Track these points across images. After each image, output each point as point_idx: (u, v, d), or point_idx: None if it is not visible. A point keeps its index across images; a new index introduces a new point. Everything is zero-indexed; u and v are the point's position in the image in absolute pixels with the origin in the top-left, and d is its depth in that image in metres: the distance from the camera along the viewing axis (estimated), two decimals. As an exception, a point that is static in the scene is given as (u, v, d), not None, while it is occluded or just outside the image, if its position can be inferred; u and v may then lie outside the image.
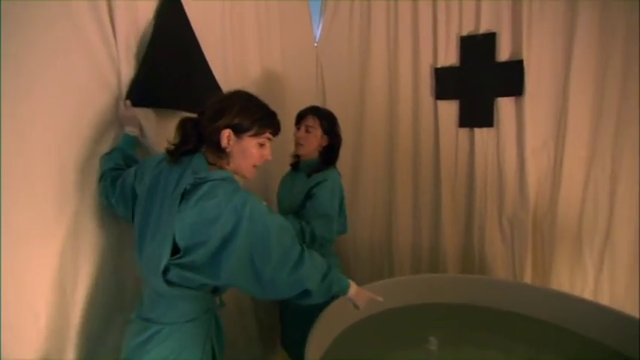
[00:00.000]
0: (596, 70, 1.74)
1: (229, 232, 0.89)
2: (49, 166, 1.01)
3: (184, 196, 0.91)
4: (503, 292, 1.66)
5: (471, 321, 1.63)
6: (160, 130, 1.32)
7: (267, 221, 0.92)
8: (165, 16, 1.30)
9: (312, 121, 1.53)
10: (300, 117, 1.55)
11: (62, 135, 1.05)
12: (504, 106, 1.92)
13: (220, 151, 0.99)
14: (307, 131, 1.53)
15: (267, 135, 1.04)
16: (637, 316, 1.39)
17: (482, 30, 1.94)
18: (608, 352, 1.36)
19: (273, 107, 1.07)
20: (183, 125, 1.01)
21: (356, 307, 1.21)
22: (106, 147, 1.19)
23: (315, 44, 2.24)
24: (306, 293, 0.99)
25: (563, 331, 1.48)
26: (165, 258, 0.91)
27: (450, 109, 2.06)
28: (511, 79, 1.88)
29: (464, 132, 2.05)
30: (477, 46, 1.96)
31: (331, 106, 2.24)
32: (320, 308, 1.37)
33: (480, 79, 1.97)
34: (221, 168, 1.00)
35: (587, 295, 1.84)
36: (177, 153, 0.99)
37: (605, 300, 1.79)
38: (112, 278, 1.19)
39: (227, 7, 1.62)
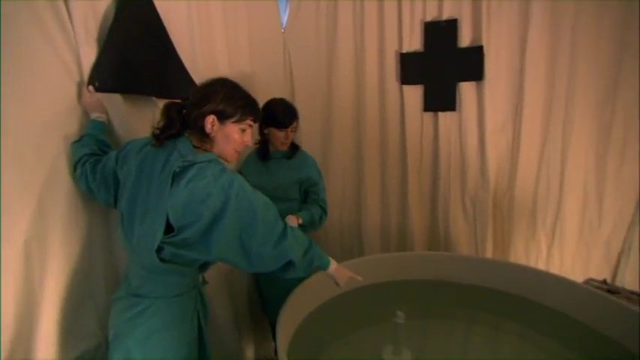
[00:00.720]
0: (548, 58, 1.85)
1: (219, 210, 0.95)
2: (12, 155, 0.98)
3: (174, 178, 0.97)
4: (466, 267, 1.76)
5: (438, 295, 1.72)
6: (128, 116, 1.29)
7: (253, 199, 0.99)
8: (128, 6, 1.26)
9: (295, 124, 1.68)
10: (289, 123, 1.64)
11: (24, 122, 1.02)
12: (466, 90, 2.01)
13: (204, 136, 1.04)
14: (292, 131, 1.68)
15: (249, 122, 1.08)
16: (580, 281, 1.53)
17: (445, 16, 2.00)
18: (561, 317, 1.48)
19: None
20: (168, 110, 1.06)
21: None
22: (71, 134, 1.16)
23: (282, 30, 2.22)
24: (289, 265, 1.07)
25: (522, 300, 1.59)
26: (158, 237, 0.96)
27: (415, 93, 2.12)
28: (472, 64, 1.96)
29: (428, 116, 2.13)
30: (440, 32, 2.02)
31: (299, 92, 2.27)
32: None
33: (443, 64, 2.04)
34: (206, 151, 1.05)
35: (541, 265, 1.99)
36: (162, 137, 1.04)
37: (555, 269, 1.95)
38: (81, 266, 1.17)
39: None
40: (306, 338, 1.38)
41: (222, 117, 1.04)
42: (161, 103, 1.40)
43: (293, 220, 1.64)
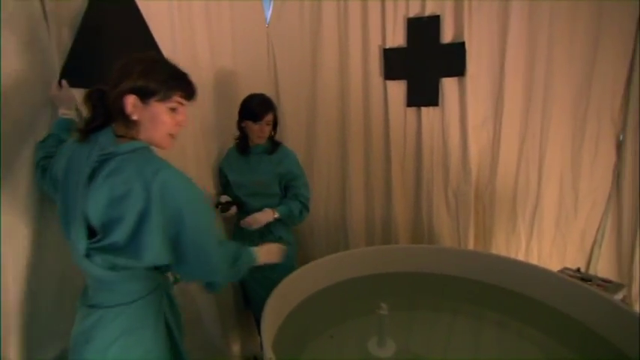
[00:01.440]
0: (527, 55, 1.89)
1: (143, 208, 0.83)
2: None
3: (93, 174, 0.86)
4: (450, 259, 1.80)
5: (421, 287, 1.76)
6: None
7: (183, 195, 0.88)
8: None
9: (270, 117, 1.67)
10: (262, 115, 1.64)
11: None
12: (448, 85, 2.04)
13: (128, 121, 0.90)
14: (267, 124, 1.67)
15: (178, 98, 0.94)
16: (556, 270, 1.59)
17: (428, 12, 2.02)
18: (539, 305, 1.54)
19: (224, 89, 1.06)
20: (89, 98, 0.93)
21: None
22: (40, 131, 1.13)
23: (266, 26, 2.21)
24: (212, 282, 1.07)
25: (503, 291, 1.64)
26: (82, 243, 0.87)
27: (398, 89, 2.14)
28: (454, 59, 1.99)
29: (411, 111, 2.15)
30: (423, 28, 2.04)
31: (283, 87, 2.27)
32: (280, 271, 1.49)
33: (425, 60, 2.06)
34: (132, 139, 0.92)
35: (520, 255, 2.05)
36: (87, 130, 0.92)
37: (534, 259, 2.01)
38: (55, 266, 1.15)
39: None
40: (291, 332, 1.39)
41: (144, 95, 0.89)
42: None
43: (269, 214, 1.64)
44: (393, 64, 2.12)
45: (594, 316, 1.37)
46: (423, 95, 2.10)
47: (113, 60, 1.25)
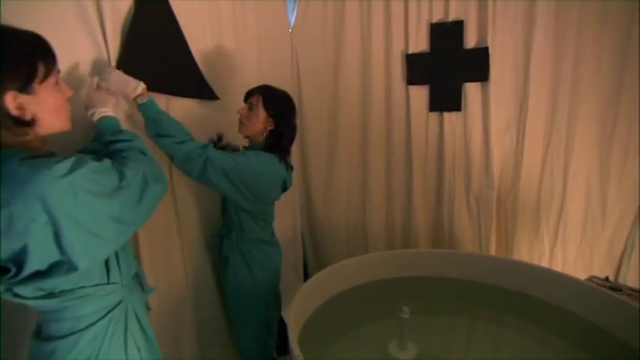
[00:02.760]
0: (553, 59, 1.87)
1: (46, 221, 0.68)
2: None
3: None
4: (469, 264, 1.78)
5: (442, 292, 1.75)
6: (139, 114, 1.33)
7: (78, 181, 0.70)
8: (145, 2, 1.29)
9: (256, 100, 1.41)
10: (247, 95, 1.45)
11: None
12: (471, 91, 2.03)
13: (19, 124, 0.73)
14: (250, 109, 1.42)
15: (56, 68, 0.79)
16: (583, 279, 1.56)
17: (451, 18, 2.02)
18: (564, 313, 1.51)
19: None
20: None
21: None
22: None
23: (290, 30, 2.26)
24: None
25: (525, 297, 1.62)
26: None
27: (420, 94, 2.15)
28: (477, 65, 1.98)
29: (434, 116, 2.15)
30: (446, 34, 2.04)
31: (306, 91, 2.31)
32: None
33: (448, 65, 2.06)
34: (16, 145, 0.74)
35: (544, 263, 2.02)
36: None
37: (558, 267, 1.97)
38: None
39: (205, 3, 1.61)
40: (313, 333, 1.41)
41: (23, 86, 0.72)
42: (175, 101, 1.46)
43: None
44: (416, 69, 2.13)
45: (624, 326, 1.34)
46: (446, 100, 2.10)
47: (155, 64, 1.32)
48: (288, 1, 2.22)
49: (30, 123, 0.74)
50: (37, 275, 0.73)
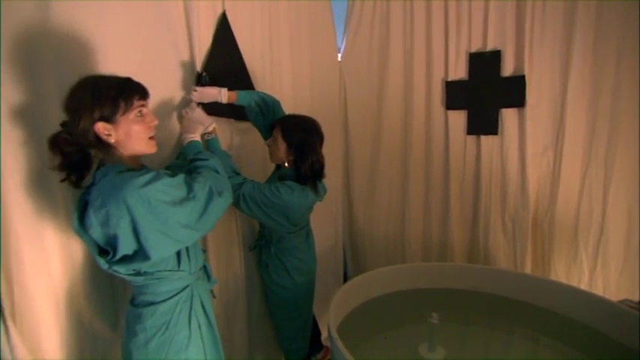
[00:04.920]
0: (591, 85, 1.95)
1: (130, 221, 0.90)
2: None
3: (85, 206, 0.95)
4: (503, 280, 1.86)
5: (473, 304, 1.85)
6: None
7: (152, 192, 0.90)
8: (219, 38, 1.59)
9: (276, 131, 1.54)
10: (272, 126, 1.58)
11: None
12: (508, 116, 2.14)
13: (108, 147, 0.96)
14: (273, 140, 1.56)
15: (137, 102, 0.98)
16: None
17: (489, 47, 2.17)
18: (594, 333, 1.56)
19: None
20: (55, 143, 0.93)
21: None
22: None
23: (339, 60, 2.51)
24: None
25: (556, 316, 1.67)
26: (100, 260, 0.97)
27: (459, 118, 2.29)
28: (514, 92, 2.10)
29: (471, 139, 2.28)
30: (484, 62, 2.19)
31: (352, 115, 2.54)
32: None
33: (486, 92, 2.20)
34: (114, 163, 0.98)
35: (582, 286, 2.02)
36: (74, 177, 0.97)
37: (599, 291, 1.98)
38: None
39: (266, 29, 1.90)
40: (349, 330, 1.55)
41: (109, 117, 0.93)
42: (237, 124, 1.74)
43: (219, 94, 1.46)
44: (455, 95, 2.28)
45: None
46: (483, 124, 2.23)
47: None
48: (338, 32, 2.49)
49: (112, 145, 0.96)
50: (126, 258, 0.95)
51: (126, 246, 0.93)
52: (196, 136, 1.30)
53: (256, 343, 1.86)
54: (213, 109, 1.52)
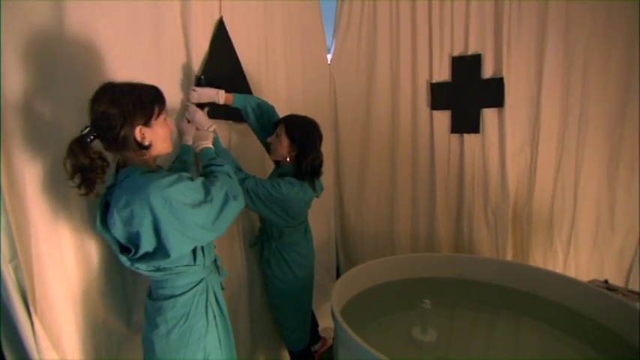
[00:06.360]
0: (562, 87, 2.13)
1: (152, 220, 0.96)
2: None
3: (107, 205, 1.03)
4: (487, 267, 2.00)
5: (461, 291, 1.98)
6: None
7: (174, 194, 0.96)
8: (216, 43, 1.67)
9: (280, 128, 1.63)
10: (275, 124, 1.68)
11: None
12: (488, 115, 2.30)
13: (143, 148, 1.03)
14: (276, 136, 1.64)
15: (164, 107, 1.08)
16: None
17: (470, 51, 2.33)
18: (571, 313, 1.70)
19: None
20: (84, 149, 0.97)
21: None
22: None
23: (329, 62, 2.62)
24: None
25: (539, 299, 1.81)
26: (122, 257, 1.04)
27: (443, 118, 2.44)
28: (494, 93, 2.26)
29: (455, 137, 2.43)
30: (466, 65, 2.34)
31: (342, 116, 2.66)
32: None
33: (468, 93, 2.35)
34: (134, 165, 1.04)
35: (558, 270, 2.19)
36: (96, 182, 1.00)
37: (571, 274, 2.15)
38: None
39: (261, 33, 1.98)
40: (346, 319, 1.60)
41: (147, 121, 1.02)
42: (236, 126, 1.82)
43: (216, 94, 1.54)
44: (439, 96, 2.43)
45: (620, 321, 1.54)
46: (466, 123, 2.38)
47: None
48: (327, 37, 2.60)
49: (148, 147, 1.05)
50: (147, 256, 1.02)
51: (148, 243, 0.99)
52: (209, 143, 1.37)
53: (258, 335, 1.94)
54: (213, 112, 1.60)
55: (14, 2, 1.00)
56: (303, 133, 1.61)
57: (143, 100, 1.01)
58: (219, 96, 1.55)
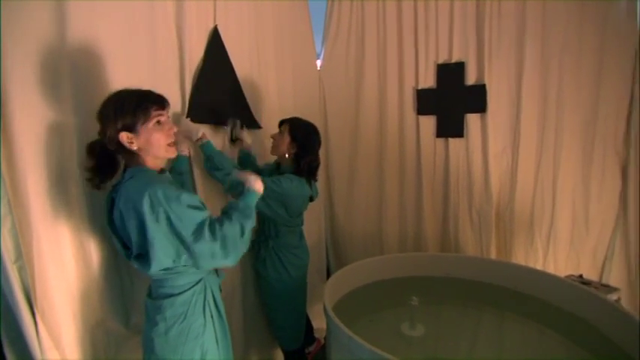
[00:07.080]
0: (540, 93, 2.25)
1: (139, 224, 0.99)
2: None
3: (113, 203, 1.07)
4: (472, 266, 2.09)
5: (448, 288, 2.06)
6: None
7: (172, 207, 0.98)
8: (211, 52, 1.70)
9: (284, 127, 1.74)
10: (280, 123, 1.79)
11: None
12: (472, 120, 2.41)
13: (131, 153, 1.06)
14: (279, 134, 1.75)
15: (155, 113, 1.06)
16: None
17: (454, 59, 2.43)
18: (550, 307, 1.80)
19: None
20: (92, 149, 1.07)
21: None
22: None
23: (318, 69, 2.69)
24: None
25: (521, 295, 1.90)
26: (122, 253, 1.09)
27: (429, 122, 2.54)
28: (477, 98, 2.36)
29: (440, 141, 2.53)
30: (450, 72, 2.44)
31: (332, 120, 2.73)
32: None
33: (452, 99, 2.45)
34: (137, 165, 1.08)
35: (539, 267, 2.29)
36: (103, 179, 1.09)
37: (550, 270, 2.26)
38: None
39: (253, 41, 2.04)
40: (338, 316, 1.67)
41: (130, 127, 1.03)
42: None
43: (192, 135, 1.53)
44: (425, 101, 2.52)
45: (593, 312, 1.65)
46: (450, 128, 2.48)
47: (218, 102, 1.71)
48: (317, 44, 2.67)
49: (136, 153, 1.06)
50: (143, 256, 1.04)
51: (137, 245, 1.02)
52: (259, 189, 1.29)
53: (252, 334, 1.98)
54: (208, 116, 1.65)
55: (15, 3, 1.02)
56: (305, 134, 1.71)
57: (125, 107, 1.03)
58: (197, 134, 1.52)
